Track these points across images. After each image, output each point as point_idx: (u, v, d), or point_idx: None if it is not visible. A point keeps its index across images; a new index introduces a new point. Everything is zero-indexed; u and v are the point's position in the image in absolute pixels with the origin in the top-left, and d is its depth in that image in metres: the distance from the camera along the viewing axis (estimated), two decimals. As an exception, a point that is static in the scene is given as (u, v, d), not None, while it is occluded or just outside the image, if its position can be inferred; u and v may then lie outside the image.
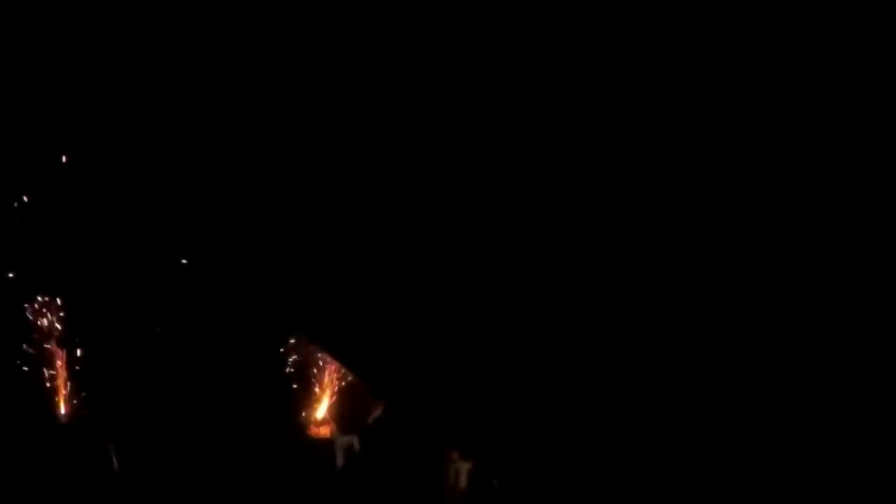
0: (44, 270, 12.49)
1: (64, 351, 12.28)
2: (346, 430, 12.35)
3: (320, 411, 12.45)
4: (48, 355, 12.26)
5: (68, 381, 12.29)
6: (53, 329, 12.30)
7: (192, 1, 10.68)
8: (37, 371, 12.26)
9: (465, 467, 12.29)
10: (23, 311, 12.35)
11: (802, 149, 10.59)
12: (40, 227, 12.59)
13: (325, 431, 12.41)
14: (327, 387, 12.47)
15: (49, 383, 12.24)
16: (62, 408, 12.26)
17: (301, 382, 12.54)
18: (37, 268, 12.49)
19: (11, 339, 12.32)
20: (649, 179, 11.14)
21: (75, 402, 12.27)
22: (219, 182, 12.41)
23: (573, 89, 11.03)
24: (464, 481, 12.30)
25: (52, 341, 12.27)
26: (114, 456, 12.04)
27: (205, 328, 12.77)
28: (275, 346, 12.60)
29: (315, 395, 12.48)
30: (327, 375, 12.46)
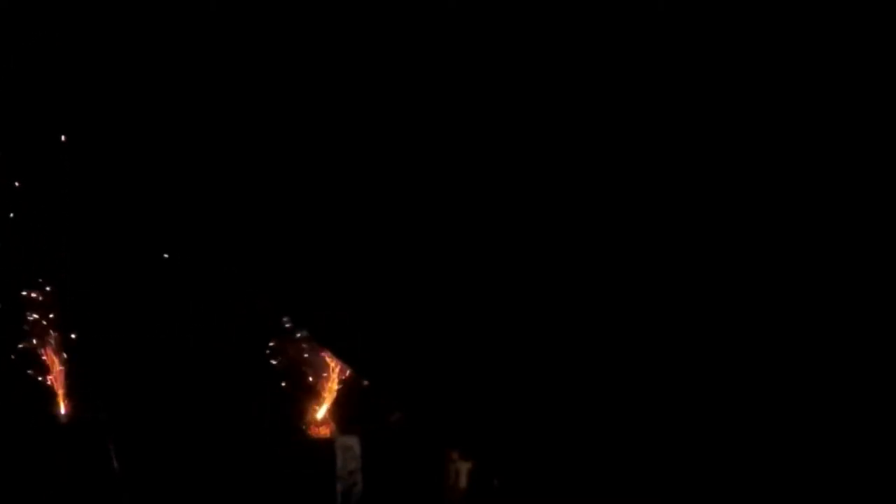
0: (43, 270, 12.50)
1: (63, 351, 12.28)
2: (345, 430, 12.36)
3: (320, 412, 12.45)
4: (48, 356, 12.26)
5: (68, 381, 12.29)
6: (53, 329, 12.30)
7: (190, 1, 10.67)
8: (37, 371, 12.27)
9: (465, 467, 12.29)
10: (22, 311, 12.35)
11: (802, 149, 10.60)
12: (39, 227, 12.59)
13: (325, 431, 12.41)
14: (327, 387, 12.47)
15: (49, 383, 12.24)
16: (62, 408, 12.26)
17: (301, 383, 12.54)
18: (36, 268, 12.49)
19: (11, 340, 12.32)
20: (649, 179, 11.15)
21: (75, 402, 12.28)
22: (219, 182, 12.42)
23: (573, 89, 11.03)
24: (464, 481, 12.30)
25: (51, 341, 12.27)
26: (114, 456, 12.04)
27: (205, 328, 12.77)
28: (275, 346, 12.61)
29: (315, 395, 12.48)
30: (327, 376, 12.46)
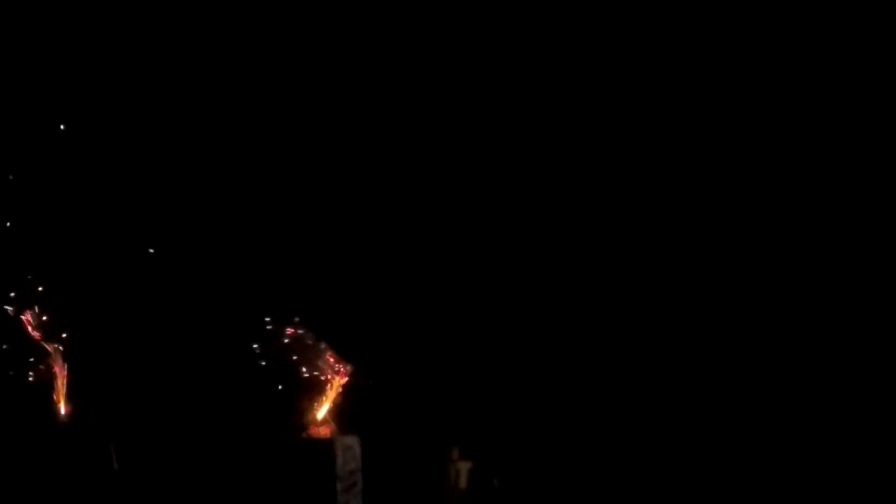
0: (42, 271, 12.47)
1: (63, 352, 12.26)
2: (346, 430, 12.33)
3: (320, 412, 12.42)
4: (47, 356, 12.24)
5: (68, 381, 12.26)
6: (53, 330, 12.27)
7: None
8: (37, 371, 12.24)
9: (465, 467, 12.27)
10: (22, 311, 12.33)
11: (802, 149, 10.57)
12: (38, 226, 12.57)
13: (325, 431, 12.37)
14: (328, 387, 12.44)
15: (49, 383, 12.21)
16: (62, 408, 12.24)
17: (301, 383, 12.51)
18: (35, 268, 12.47)
19: (11, 340, 12.29)
20: (649, 179, 11.12)
21: (75, 402, 12.25)
22: (219, 182, 12.39)
23: (573, 89, 11.00)
24: (464, 481, 12.28)
25: (51, 342, 12.25)
26: (114, 456, 12.02)
27: (204, 328, 12.74)
28: (275, 347, 12.58)
29: (315, 395, 12.45)
30: (328, 376, 12.43)
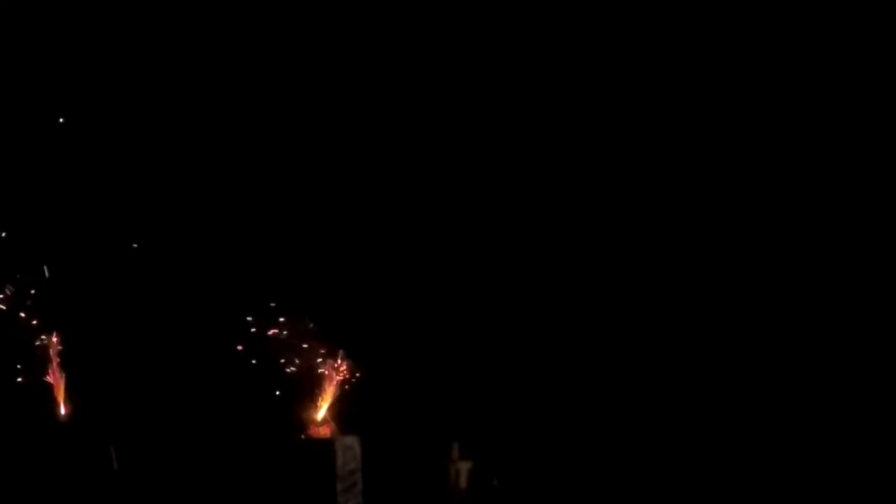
0: (42, 272, 12.48)
1: (63, 352, 12.27)
2: (346, 430, 12.35)
3: (321, 412, 12.44)
4: (48, 357, 12.25)
5: (68, 381, 12.27)
6: (52, 330, 12.28)
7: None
8: (37, 371, 12.25)
9: (465, 467, 12.30)
10: (22, 312, 12.34)
11: (802, 149, 10.57)
12: (38, 229, 12.58)
13: (325, 432, 12.39)
14: (328, 388, 12.46)
15: (49, 384, 12.22)
16: (62, 408, 12.24)
17: (302, 383, 12.52)
18: (35, 269, 12.48)
19: (12, 340, 12.30)
20: (649, 179, 11.12)
21: (75, 402, 12.26)
22: (221, 183, 12.40)
23: (572, 89, 11.01)
24: (464, 481, 12.30)
25: (51, 343, 12.26)
26: (114, 456, 12.03)
27: (205, 329, 12.76)
28: (276, 348, 12.59)
29: (315, 395, 12.47)
30: (328, 376, 12.45)
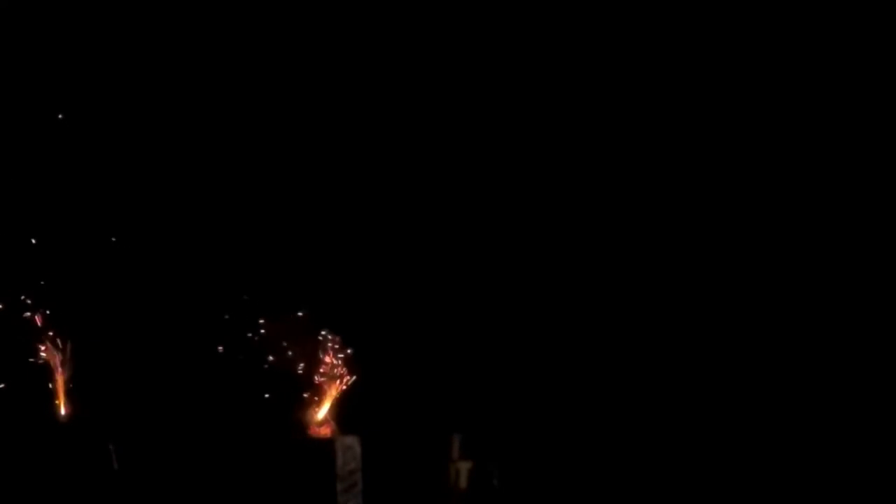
0: (42, 272, 12.48)
1: (63, 352, 12.27)
2: (346, 430, 12.35)
3: (320, 412, 12.44)
4: (48, 357, 12.25)
5: (68, 381, 12.28)
6: (52, 330, 12.29)
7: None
8: (37, 372, 12.25)
9: (465, 467, 12.31)
10: (22, 312, 12.35)
11: (802, 149, 10.56)
12: (37, 230, 12.58)
13: (325, 431, 12.40)
14: (328, 388, 12.46)
15: (49, 383, 12.23)
16: (62, 408, 12.25)
17: (302, 383, 12.53)
18: (35, 270, 12.48)
19: (12, 341, 12.30)
20: (648, 180, 11.12)
21: (75, 402, 12.27)
22: (222, 184, 12.40)
23: (572, 90, 11.00)
24: (464, 481, 12.31)
25: (51, 342, 12.27)
26: (114, 456, 12.03)
27: (205, 329, 12.76)
28: (276, 347, 12.60)
29: (316, 395, 12.47)
30: (328, 376, 12.45)
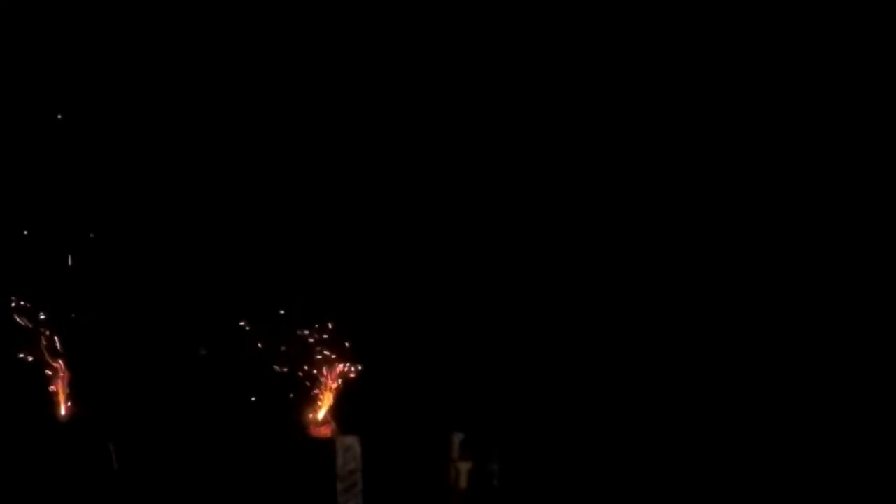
0: (42, 272, 12.49)
1: (63, 352, 12.28)
2: (346, 430, 12.34)
3: (320, 412, 12.44)
4: (48, 357, 12.25)
5: (68, 381, 12.28)
6: (53, 330, 12.29)
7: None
8: (37, 371, 12.25)
9: (465, 467, 12.30)
10: (23, 313, 12.35)
11: (801, 149, 10.55)
12: (37, 229, 12.59)
13: (325, 431, 12.40)
14: (328, 387, 12.46)
15: (49, 383, 12.23)
16: (62, 408, 12.25)
17: (302, 383, 12.52)
18: (35, 270, 12.48)
19: (12, 341, 12.31)
20: (648, 180, 11.11)
21: (75, 402, 12.27)
22: (222, 184, 12.39)
23: (572, 90, 10.99)
24: (464, 481, 12.30)
25: (51, 342, 12.27)
26: (114, 456, 12.03)
27: (205, 329, 12.76)
28: (276, 347, 12.59)
29: (316, 395, 12.47)
30: (328, 376, 12.44)
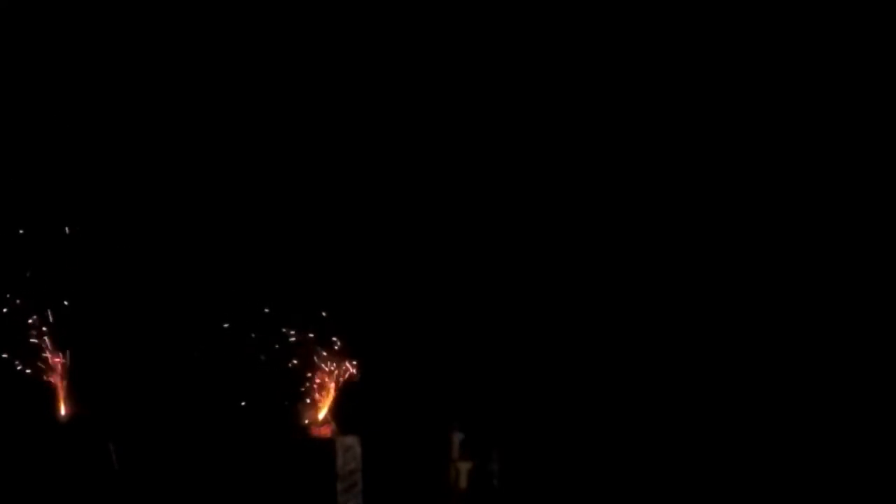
0: (43, 272, 12.49)
1: (63, 351, 12.28)
2: (346, 430, 12.35)
3: (320, 412, 12.44)
4: (48, 357, 12.26)
5: (68, 381, 12.28)
6: (53, 330, 12.29)
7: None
8: (37, 371, 12.25)
9: (465, 467, 12.31)
10: (23, 313, 12.35)
11: (802, 149, 10.56)
12: (38, 231, 12.59)
13: (325, 431, 12.40)
14: (328, 387, 12.46)
15: (49, 384, 12.23)
16: (62, 408, 12.26)
17: (302, 383, 12.53)
18: (36, 270, 12.49)
19: (12, 341, 12.31)
20: (648, 180, 11.11)
21: (75, 402, 12.27)
22: (222, 184, 12.40)
23: (572, 90, 10.99)
24: (464, 481, 12.31)
25: (51, 342, 12.27)
26: (114, 456, 12.04)
27: (205, 329, 12.77)
28: (276, 347, 12.60)
29: (316, 395, 12.47)
30: (328, 376, 12.45)
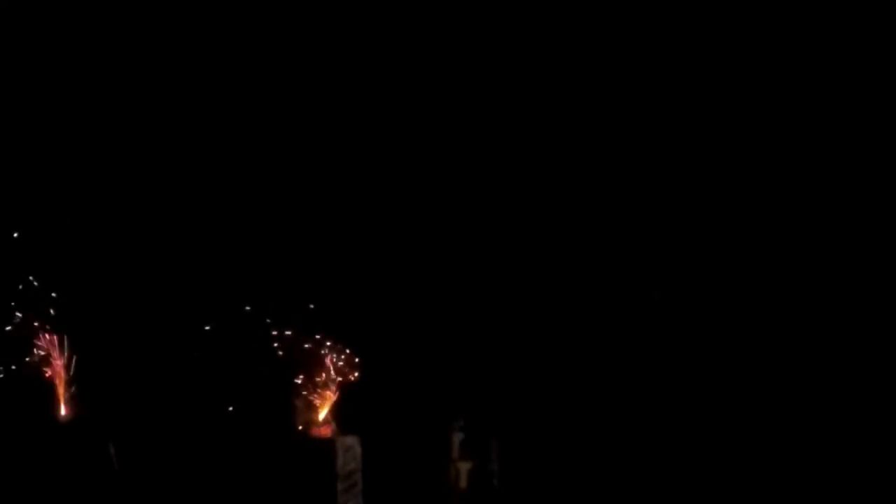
0: (43, 273, 12.49)
1: (63, 352, 12.28)
2: (346, 430, 12.35)
3: (321, 412, 12.45)
4: (48, 357, 12.26)
5: (68, 381, 12.29)
6: (53, 330, 12.29)
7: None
8: (37, 371, 12.26)
9: (465, 467, 12.32)
10: (24, 313, 12.36)
11: (802, 149, 10.55)
12: (39, 229, 12.59)
13: (325, 431, 12.40)
14: (329, 388, 12.47)
15: (49, 384, 12.23)
16: (62, 408, 12.26)
17: (302, 383, 12.54)
18: (36, 270, 12.49)
19: (12, 341, 12.31)
20: (648, 180, 11.12)
21: (75, 402, 12.27)
22: (222, 185, 12.40)
23: (572, 90, 10.99)
24: (464, 481, 12.32)
25: (51, 342, 12.27)
26: (114, 456, 12.04)
27: (205, 329, 12.76)
28: (276, 347, 12.60)
29: (316, 395, 12.47)
30: (329, 376, 12.45)
